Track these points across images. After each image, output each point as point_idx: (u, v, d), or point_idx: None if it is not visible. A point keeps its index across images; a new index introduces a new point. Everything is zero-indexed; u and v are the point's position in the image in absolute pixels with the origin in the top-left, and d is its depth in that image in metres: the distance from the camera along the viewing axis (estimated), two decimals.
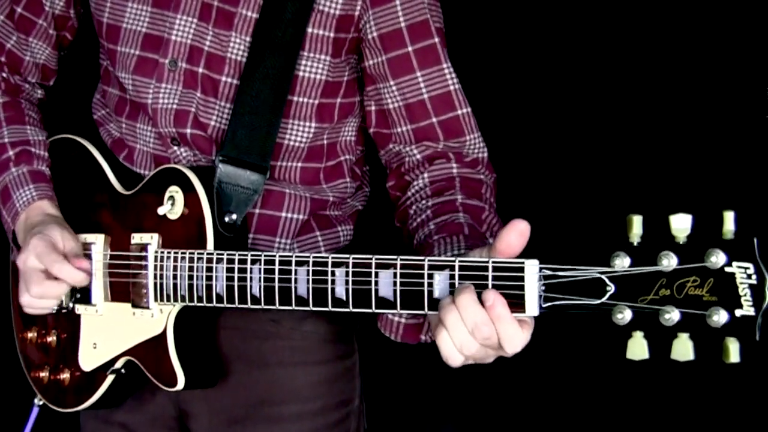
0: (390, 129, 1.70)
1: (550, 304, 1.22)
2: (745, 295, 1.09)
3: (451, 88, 1.66)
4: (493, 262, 1.25)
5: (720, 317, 1.10)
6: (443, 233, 1.48)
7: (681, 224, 1.12)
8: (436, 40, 1.64)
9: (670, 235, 1.13)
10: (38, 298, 1.66)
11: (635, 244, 1.16)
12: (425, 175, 1.65)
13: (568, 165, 2.27)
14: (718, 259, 1.09)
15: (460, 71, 1.67)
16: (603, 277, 1.18)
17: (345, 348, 1.80)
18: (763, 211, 1.15)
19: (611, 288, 1.18)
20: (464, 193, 1.59)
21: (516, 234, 1.23)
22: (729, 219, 1.10)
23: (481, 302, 1.21)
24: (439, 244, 1.46)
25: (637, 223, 1.16)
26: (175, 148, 1.71)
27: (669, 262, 1.12)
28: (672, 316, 1.13)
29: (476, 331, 1.20)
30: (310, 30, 1.63)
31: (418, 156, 1.68)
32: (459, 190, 1.60)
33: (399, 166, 1.70)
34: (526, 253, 1.26)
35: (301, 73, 1.67)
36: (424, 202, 1.61)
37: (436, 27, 1.65)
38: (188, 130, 1.70)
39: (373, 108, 1.72)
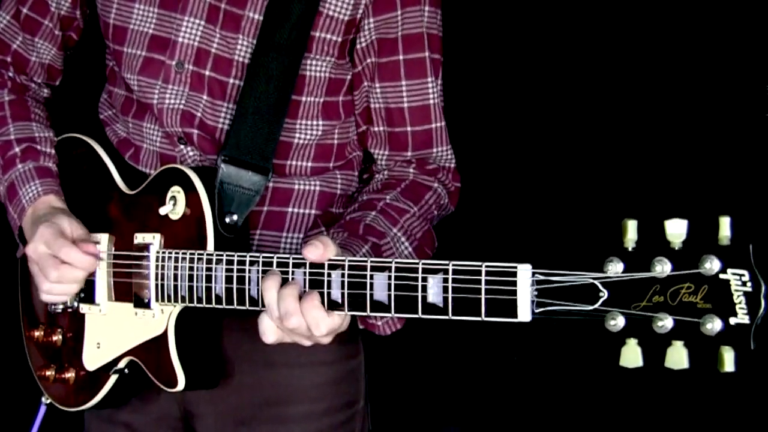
0: (371, 126, 1.73)
1: (542, 309, 1.20)
2: (740, 302, 1.06)
3: (431, 102, 1.70)
4: (486, 266, 1.23)
5: (714, 325, 1.07)
6: (340, 228, 1.61)
7: (676, 229, 1.10)
8: (427, 54, 1.66)
9: (665, 241, 1.10)
10: (56, 282, 1.65)
11: (630, 249, 1.13)
12: (385, 174, 1.75)
13: (562, 169, 2.27)
14: (712, 265, 1.07)
15: (459, 76, 1.67)
16: (596, 282, 1.16)
17: (350, 349, 1.79)
18: (759, 217, 1.11)
19: (604, 294, 1.15)
20: (402, 194, 1.69)
21: (311, 247, 1.38)
22: (725, 225, 1.07)
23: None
24: (331, 235, 1.58)
25: (631, 228, 1.14)
26: (182, 147, 1.71)
27: (663, 268, 1.10)
28: (666, 323, 1.10)
29: (285, 319, 1.38)
30: (317, 34, 1.63)
31: (386, 159, 1.76)
32: (400, 190, 1.69)
33: (373, 164, 1.79)
34: (520, 257, 1.24)
35: (308, 73, 1.67)
36: (363, 195, 1.72)
37: (431, 37, 1.67)
38: (194, 131, 1.69)
39: (360, 106, 1.74)
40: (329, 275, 1.37)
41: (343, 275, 1.36)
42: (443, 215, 1.74)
